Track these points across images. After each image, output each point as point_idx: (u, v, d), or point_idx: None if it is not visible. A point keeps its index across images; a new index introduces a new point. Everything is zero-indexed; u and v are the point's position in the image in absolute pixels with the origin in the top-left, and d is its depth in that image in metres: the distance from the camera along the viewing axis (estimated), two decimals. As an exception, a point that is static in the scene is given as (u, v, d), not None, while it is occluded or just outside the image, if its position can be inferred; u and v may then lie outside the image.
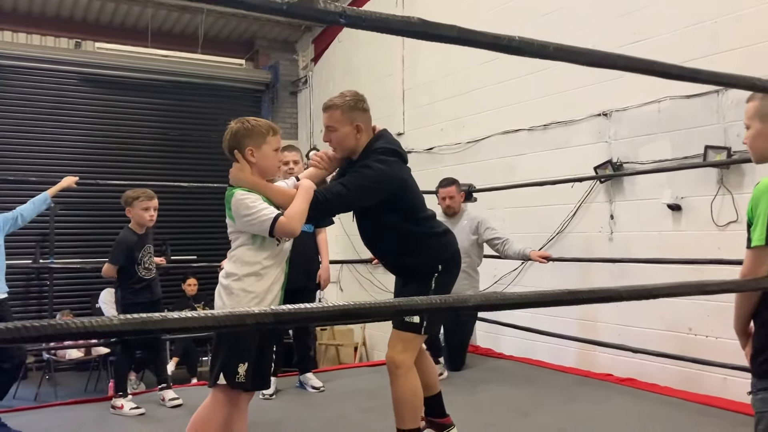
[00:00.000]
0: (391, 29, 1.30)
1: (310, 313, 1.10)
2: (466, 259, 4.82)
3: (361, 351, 7.73)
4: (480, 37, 1.38)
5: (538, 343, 5.39)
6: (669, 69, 1.63)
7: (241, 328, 1.01)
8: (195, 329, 1.00)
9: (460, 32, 1.36)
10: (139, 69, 8.62)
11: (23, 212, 4.05)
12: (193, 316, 0.99)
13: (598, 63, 1.55)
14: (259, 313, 1.05)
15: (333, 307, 1.11)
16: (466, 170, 6.24)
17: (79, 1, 8.11)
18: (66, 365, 7.11)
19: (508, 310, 5.01)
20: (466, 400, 4.16)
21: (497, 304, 1.26)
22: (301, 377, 4.56)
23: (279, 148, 2.66)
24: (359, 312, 1.15)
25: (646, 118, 4.76)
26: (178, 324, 0.97)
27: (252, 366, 2.54)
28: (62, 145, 8.22)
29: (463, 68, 6.47)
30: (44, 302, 7.87)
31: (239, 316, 1.01)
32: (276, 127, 2.67)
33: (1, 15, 8.14)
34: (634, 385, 4.36)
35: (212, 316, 1.01)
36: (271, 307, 1.07)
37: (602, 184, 5.06)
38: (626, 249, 4.85)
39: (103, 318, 0.95)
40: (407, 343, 2.89)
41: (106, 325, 0.94)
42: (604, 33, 5.01)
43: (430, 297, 1.22)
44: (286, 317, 1.07)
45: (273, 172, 2.70)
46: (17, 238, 7.28)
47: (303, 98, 9.73)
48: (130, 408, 3.98)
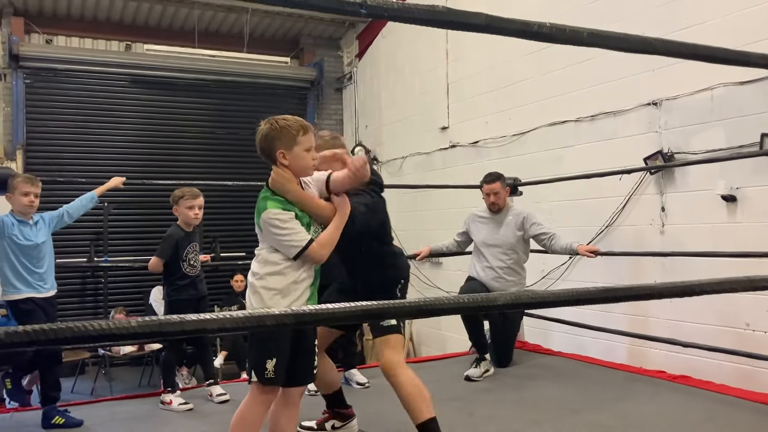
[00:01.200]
0: (415, 18, 1.26)
1: (331, 314, 1.08)
2: (513, 256, 4.75)
3: (408, 346, 7.70)
4: (509, 25, 1.33)
5: (587, 339, 5.28)
6: (714, 52, 1.54)
7: (260, 329, 1.00)
8: (213, 331, 0.98)
9: (488, 20, 1.31)
10: (187, 69, 8.78)
11: (69, 210, 4.14)
12: (210, 318, 0.97)
13: (635, 48, 1.47)
14: (279, 314, 1.03)
15: (355, 307, 1.08)
16: (511, 163, 6.14)
17: (129, 5, 8.30)
18: (120, 360, 7.30)
19: (537, 308, 4.93)
20: (513, 396, 4.10)
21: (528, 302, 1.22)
22: (346, 373, 4.56)
23: (311, 147, 2.57)
24: (382, 312, 1.12)
25: (698, 107, 4.59)
26: (195, 326, 0.96)
27: (284, 361, 2.53)
28: (113, 146, 8.43)
29: (507, 60, 6.36)
30: (99, 299, 8.11)
31: (258, 317, 0.99)
32: (307, 125, 2.58)
33: (56, 21, 8.41)
34: (688, 383, 4.21)
35: (230, 318, 0.99)
36: (291, 308, 1.05)
37: (652, 175, 4.91)
38: (678, 242, 4.69)
39: (121, 321, 0.94)
40: (393, 345, 3.05)
41: (123, 328, 0.93)
42: (654, 20, 4.85)
43: (456, 296, 1.18)
44: (307, 318, 1.05)
45: (307, 172, 2.61)
46: (73, 238, 7.54)
47: (348, 94, 9.75)
48: (178, 404, 4.04)
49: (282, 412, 2.67)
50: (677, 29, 4.64)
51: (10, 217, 3.78)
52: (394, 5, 1.22)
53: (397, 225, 8.10)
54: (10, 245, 3.72)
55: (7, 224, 3.71)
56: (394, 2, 1.21)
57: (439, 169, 7.54)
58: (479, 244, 4.85)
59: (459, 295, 1.22)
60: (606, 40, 1.41)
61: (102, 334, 0.90)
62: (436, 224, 7.42)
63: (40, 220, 3.92)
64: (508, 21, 1.33)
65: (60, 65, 8.19)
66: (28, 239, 3.78)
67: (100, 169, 7.93)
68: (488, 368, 4.61)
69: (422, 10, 1.26)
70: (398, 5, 1.22)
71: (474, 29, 1.33)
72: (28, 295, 3.75)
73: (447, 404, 3.97)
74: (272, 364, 2.49)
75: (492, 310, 3.35)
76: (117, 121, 8.49)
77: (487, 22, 1.32)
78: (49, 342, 0.87)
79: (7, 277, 3.74)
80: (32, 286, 3.76)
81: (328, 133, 3.28)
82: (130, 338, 0.93)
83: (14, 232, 3.73)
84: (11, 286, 3.74)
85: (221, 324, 0.98)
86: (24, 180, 3.84)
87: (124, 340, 1.65)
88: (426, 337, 7.72)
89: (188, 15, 8.69)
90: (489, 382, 4.47)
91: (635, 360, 4.87)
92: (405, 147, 8.24)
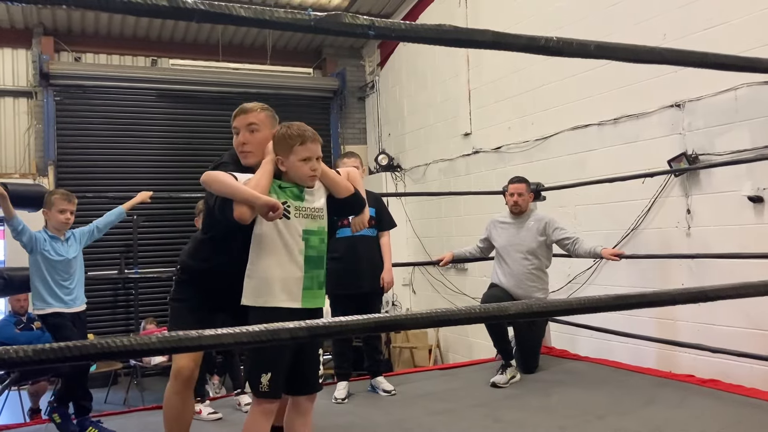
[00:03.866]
0: (422, 38, 1.29)
1: (344, 326, 1.11)
2: (534, 261, 4.75)
3: (435, 353, 7.71)
4: (515, 41, 1.36)
5: (615, 344, 5.23)
6: (723, 60, 1.55)
7: (275, 342, 1.03)
8: (230, 345, 1.02)
9: (495, 36, 1.34)
10: (212, 83, 8.92)
11: (99, 225, 4.25)
12: (227, 332, 1.01)
13: (643, 59, 1.49)
14: (294, 327, 1.07)
15: (367, 319, 1.11)
16: (534, 168, 6.13)
17: (154, 21, 8.46)
18: (152, 371, 7.41)
19: (548, 317, 4.88)
20: (539, 402, 4.09)
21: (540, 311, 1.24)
22: (373, 381, 4.59)
23: (308, 158, 2.58)
24: (396, 323, 1.15)
25: (723, 107, 4.54)
26: (213, 341, 1.00)
27: (281, 374, 2.54)
28: (141, 159, 8.60)
29: (528, 65, 6.36)
30: (130, 311, 8.26)
31: (273, 330, 1.03)
32: (307, 136, 2.59)
33: (84, 38, 8.63)
34: (718, 387, 4.16)
35: (247, 332, 1.03)
36: (305, 322, 1.09)
37: (677, 177, 4.86)
38: (705, 244, 4.64)
39: (142, 337, 0.99)
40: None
41: (144, 344, 0.98)
42: (676, 21, 4.82)
43: (472, 306, 1.20)
44: (320, 331, 1.09)
45: (304, 182, 2.62)
46: (104, 250, 7.70)
47: (370, 103, 9.81)
48: (207, 413, 4.10)
49: (295, 419, 2.70)
50: (700, 29, 4.61)
51: (43, 233, 3.89)
52: (401, 26, 1.25)
53: (421, 231, 8.18)
54: (43, 260, 3.83)
55: (39, 240, 3.82)
56: (401, 23, 1.25)
57: (463, 176, 7.55)
58: (501, 249, 4.86)
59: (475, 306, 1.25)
60: (614, 52, 1.42)
61: (123, 351, 0.95)
62: (460, 230, 7.44)
63: (71, 236, 4.03)
64: (514, 37, 1.35)
65: (88, 82, 8.38)
66: (60, 254, 3.88)
67: (129, 183, 8.11)
68: (514, 374, 4.60)
69: (429, 29, 1.29)
70: (405, 26, 1.26)
71: (481, 46, 1.36)
72: (57, 309, 3.85)
73: (473, 411, 3.99)
74: (267, 378, 2.49)
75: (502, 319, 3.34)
76: (144, 135, 8.66)
77: (494, 38, 1.34)
78: (75, 359, 0.92)
79: (39, 291, 3.85)
80: (62, 301, 3.86)
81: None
82: (151, 354, 0.98)
83: (46, 247, 3.83)
84: (42, 300, 3.84)
85: (237, 338, 1.02)
86: (61, 197, 3.94)
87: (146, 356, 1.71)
88: (453, 344, 7.72)
89: (212, 29, 8.84)
90: (515, 389, 4.46)
91: (664, 364, 4.82)
92: (428, 154, 8.27)
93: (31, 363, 0.89)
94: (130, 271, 8.11)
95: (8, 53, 8.28)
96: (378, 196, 4.78)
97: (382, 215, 4.59)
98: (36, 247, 3.80)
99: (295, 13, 1.21)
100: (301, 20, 1.17)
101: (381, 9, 8.85)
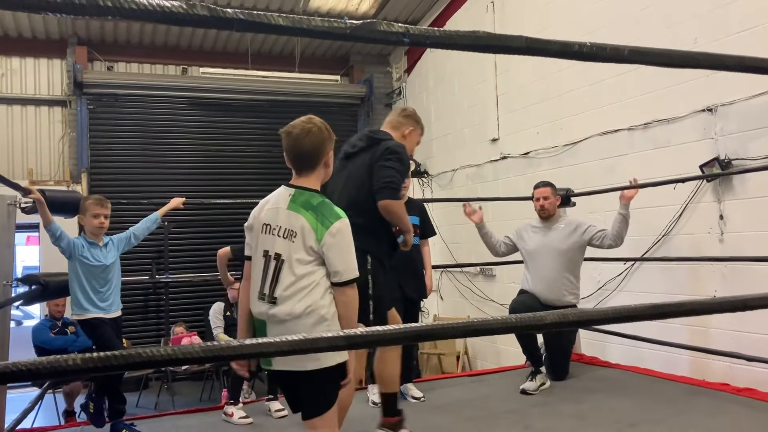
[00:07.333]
0: (456, 45, 1.30)
1: (381, 336, 1.12)
2: (565, 263, 4.69)
3: (463, 360, 7.68)
4: (549, 46, 1.36)
5: (646, 351, 5.17)
6: (761, 63, 1.53)
7: (313, 351, 1.05)
8: (271, 354, 1.04)
9: (529, 42, 1.35)
10: (241, 90, 9.03)
11: (135, 232, 4.32)
12: (268, 342, 1.03)
13: (677, 63, 1.48)
14: (333, 336, 1.08)
15: (405, 329, 1.12)
16: (563, 174, 6.09)
17: (185, 30, 8.60)
18: (182, 375, 7.50)
19: (580, 327, 4.83)
20: (569, 409, 4.06)
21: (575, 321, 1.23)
22: (402, 387, 4.58)
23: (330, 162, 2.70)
24: (433, 333, 1.16)
25: (756, 111, 4.48)
26: (253, 350, 1.02)
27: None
28: (172, 166, 8.74)
29: (557, 70, 6.33)
30: (161, 315, 8.37)
31: (311, 340, 1.05)
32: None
33: (116, 48, 8.80)
34: (753, 396, 4.08)
35: (287, 341, 1.05)
36: (343, 331, 1.10)
37: (709, 183, 4.80)
38: (738, 250, 4.57)
39: (186, 347, 1.01)
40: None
41: (188, 353, 1.00)
42: (707, 25, 4.76)
43: (504, 317, 1.20)
44: (357, 340, 1.10)
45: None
46: (136, 256, 7.82)
47: (398, 109, 9.82)
48: (239, 417, 4.14)
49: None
50: (732, 33, 4.56)
51: (82, 239, 3.97)
52: (435, 33, 1.26)
53: (449, 237, 8.15)
54: (81, 266, 3.90)
55: (78, 246, 3.89)
56: (435, 30, 1.26)
57: (491, 181, 7.52)
58: (532, 252, 4.81)
59: (506, 316, 1.25)
60: (647, 56, 1.42)
61: (168, 359, 0.97)
62: (489, 236, 7.40)
63: (109, 242, 4.10)
64: (548, 42, 1.36)
65: (121, 90, 8.54)
66: (98, 260, 3.95)
67: (161, 190, 8.23)
68: (544, 381, 4.57)
69: (463, 35, 1.30)
70: (440, 32, 1.27)
71: (514, 52, 1.37)
72: (95, 315, 3.92)
73: (503, 418, 3.97)
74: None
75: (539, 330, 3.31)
76: (175, 142, 8.79)
77: (528, 44, 1.35)
78: (121, 367, 0.94)
79: (77, 296, 3.92)
80: (98, 307, 3.93)
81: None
82: (194, 362, 1.00)
83: (85, 253, 3.90)
84: (80, 306, 3.91)
85: (278, 347, 1.03)
86: (94, 202, 4.02)
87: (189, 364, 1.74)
88: (481, 350, 7.69)
89: (241, 38, 8.95)
90: (545, 396, 4.43)
91: (697, 372, 4.75)
92: (455, 160, 8.26)
93: (81, 371, 0.92)
94: (161, 276, 8.22)
95: (44, 63, 8.47)
96: (422, 205, 4.81)
97: (425, 224, 4.61)
98: (74, 253, 3.87)
99: (331, 22, 1.23)
100: (337, 28, 1.19)
101: (408, 15, 8.88)
